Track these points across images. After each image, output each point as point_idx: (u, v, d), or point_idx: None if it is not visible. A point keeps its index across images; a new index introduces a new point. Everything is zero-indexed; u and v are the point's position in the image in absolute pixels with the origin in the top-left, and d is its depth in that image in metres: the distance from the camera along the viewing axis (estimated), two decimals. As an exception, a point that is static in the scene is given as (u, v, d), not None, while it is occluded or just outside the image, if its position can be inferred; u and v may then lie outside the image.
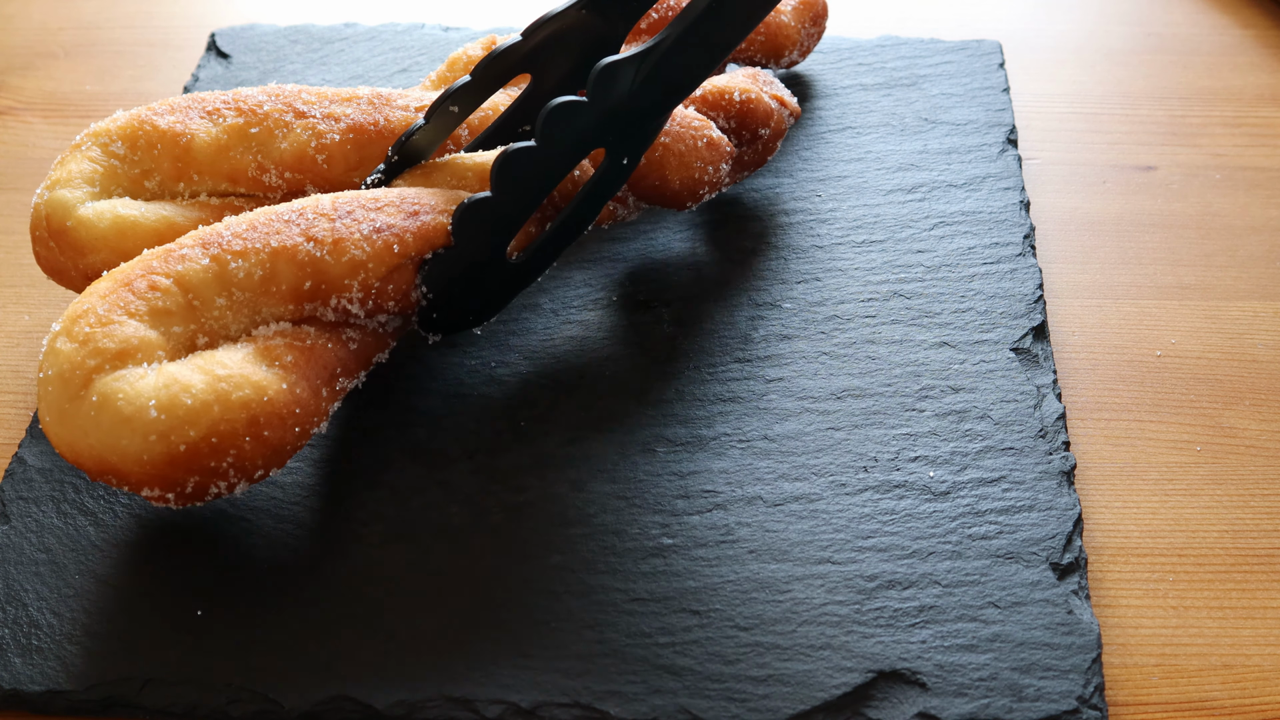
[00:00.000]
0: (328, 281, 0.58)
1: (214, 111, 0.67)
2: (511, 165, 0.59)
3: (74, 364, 0.53)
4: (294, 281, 0.57)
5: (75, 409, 0.53)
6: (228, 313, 0.57)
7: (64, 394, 0.53)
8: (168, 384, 0.53)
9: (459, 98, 0.65)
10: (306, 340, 0.57)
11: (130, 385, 0.53)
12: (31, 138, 0.83)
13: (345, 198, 0.60)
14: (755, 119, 0.71)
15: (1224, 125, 0.82)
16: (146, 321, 0.55)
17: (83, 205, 0.64)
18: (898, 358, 0.65)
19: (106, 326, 0.54)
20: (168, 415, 0.52)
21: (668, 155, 0.67)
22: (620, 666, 0.53)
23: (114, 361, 0.53)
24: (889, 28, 0.91)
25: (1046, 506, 0.58)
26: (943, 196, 0.74)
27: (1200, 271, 0.72)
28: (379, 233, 0.58)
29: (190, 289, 0.56)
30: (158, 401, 0.52)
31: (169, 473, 0.53)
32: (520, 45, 0.66)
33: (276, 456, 0.55)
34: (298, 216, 0.58)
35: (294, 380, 0.55)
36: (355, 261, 0.58)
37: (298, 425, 0.55)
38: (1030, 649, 0.53)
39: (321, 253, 0.57)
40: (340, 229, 0.58)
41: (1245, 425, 0.64)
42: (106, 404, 0.53)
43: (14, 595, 0.56)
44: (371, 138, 0.67)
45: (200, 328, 0.56)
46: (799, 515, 0.58)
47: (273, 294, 0.57)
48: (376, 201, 0.60)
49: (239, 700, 0.52)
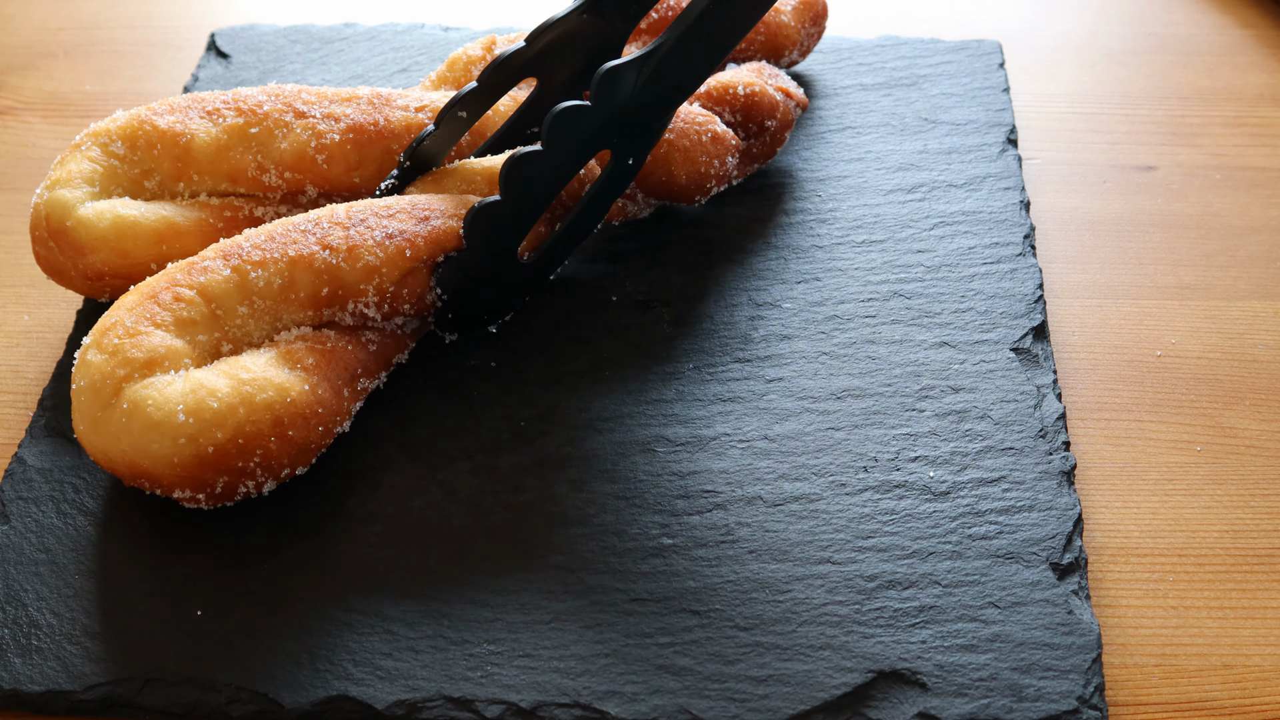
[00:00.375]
0: (344, 287, 0.60)
1: (214, 111, 0.67)
2: (519, 169, 0.61)
3: (104, 374, 0.56)
4: (312, 288, 0.60)
5: (107, 417, 0.55)
6: (250, 320, 0.59)
7: (96, 403, 0.56)
8: (194, 389, 0.55)
9: (467, 103, 0.66)
10: (327, 343, 0.60)
11: (159, 392, 0.55)
12: (31, 138, 0.83)
13: (359, 206, 0.62)
14: (760, 111, 0.72)
15: (1224, 125, 0.82)
16: (172, 331, 0.57)
17: (82, 205, 0.64)
18: (898, 358, 0.65)
19: (134, 337, 0.56)
20: (195, 419, 0.54)
21: (672, 151, 0.68)
22: (620, 666, 0.53)
23: (142, 370, 0.56)
24: (889, 28, 0.91)
25: (1046, 506, 0.58)
26: (943, 196, 0.74)
27: (1200, 271, 0.72)
28: (391, 238, 0.60)
29: (213, 299, 0.58)
30: (185, 406, 0.54)
31: (199, 474, 0.55)
32: (525, 50, 0.67)
33: (302, 455, 0.58)
34: (313, 226, 0.61)
35: (315, 381, 0.58)
36: (370, 267, 0.60)
37: (321, 425, 0.58)
38: (1030, 649, 0.53)
39: (337, 260, 0.60)
40: (354, 236, 0.60)
41: (1245, 425, 0.64)
42: (136, 410, 0.55)
43: (14, 595, 0.56)
44: (371, 137, 0.67)
45: (224, 335, 0.58)
46: (799, 515, 0.58)
47: (292, 301, 0.59)
48: (389, 209, 0.62)
49: (239, 700, 0.52)
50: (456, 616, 0.55)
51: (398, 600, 0.55)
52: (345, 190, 0.67)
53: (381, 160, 0.67)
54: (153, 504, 0.59)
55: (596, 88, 0.60)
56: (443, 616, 0.55)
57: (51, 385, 0.65)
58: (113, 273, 0.64)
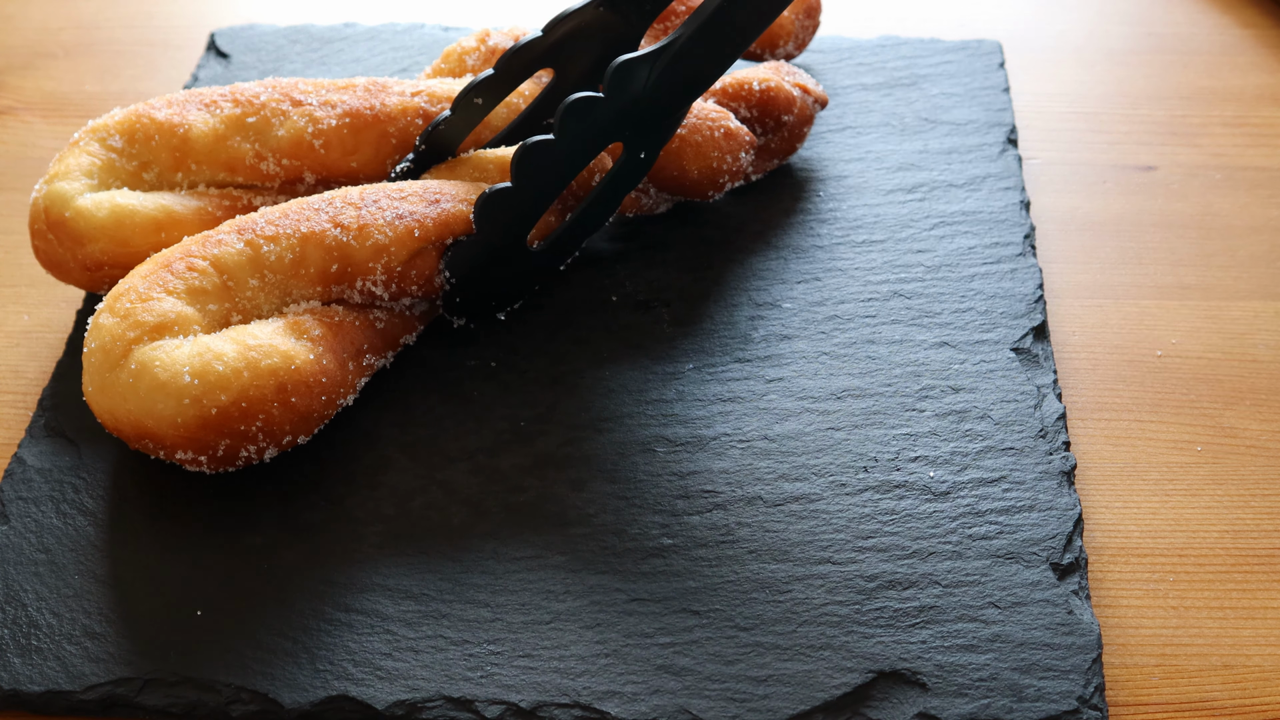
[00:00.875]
0: (353, 264, 0.61)
1: (211, 104, 0.67)
2: (530, 157, 0.62)
3: (115, 336, 0.57)
4: (322, 264, 0.61)
5: (115, 377, 0.57)
6: (260, 293, 0.60)
7: (105, 363, 0.57)
8: (201, 352, 0.56)
9: (483, 90, 0.67)
10: (334, 317, 0.61)
11: (166, 354, 0.56)
12: (31, 137, 0.83)
13: (373, 189, 0.63)
14: (776, 106, 0.72)
15: (1224, 125, 0.82)
16: (184, 299, 0.58)
17: (81, 196, 0.64)
18: (898, 358, 0.65)
19: (146, 302, 0.58)
20: (201, 381, 0.56)
21: (684, 146, 0.68)
22: (620, 666, 0.53)
23: (152, 333, 0.57)
24: (889, 28, 0.91)
25: (1047, 507, 0.58)
26: (943, 196, 0.74)
27: (1200, 271, 0.72)
28: (401, 219, 0.62)
29: (225, 270, 0.59)
30: (191, 368, 0.56)
31: (201, 435, 0.56)
32: (541, 40, 0.67)
33: (304, 423, 0.59)
34: (326, 205, 0.62)
35: (321, 352, 0.59)
36: (379, 245, 0.61)
37: (324, 394, 0.59)
38: (1030, 649, 0.53)
39: (348, 238, 0.61)
40: (365, 215, 0.61)
41: (1246, 425, 0.64)
42: (144, 371, 0.56)
43: (14, 595, 0.56)
44: (368, 122, 0.67)
45: (234, 306, 0.60)
46: (799, 515, 0.58)
47: (302, 276, 0.61)
48: (401, 192, 0.63)
49: (239, 700, 0.52)
50: (456, 616, 0.55)
51: (398, 600, 0.55)
52: (343, 176, 0.68)
53: (378, 145, 0.67)
54: (152, 504, 0.59)
55: (610, 80, 0.60)
56: (443, 616, 0.55)
57: (51, 385, 0.65)
58: (112, 262, 0.64)
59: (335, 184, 0.68)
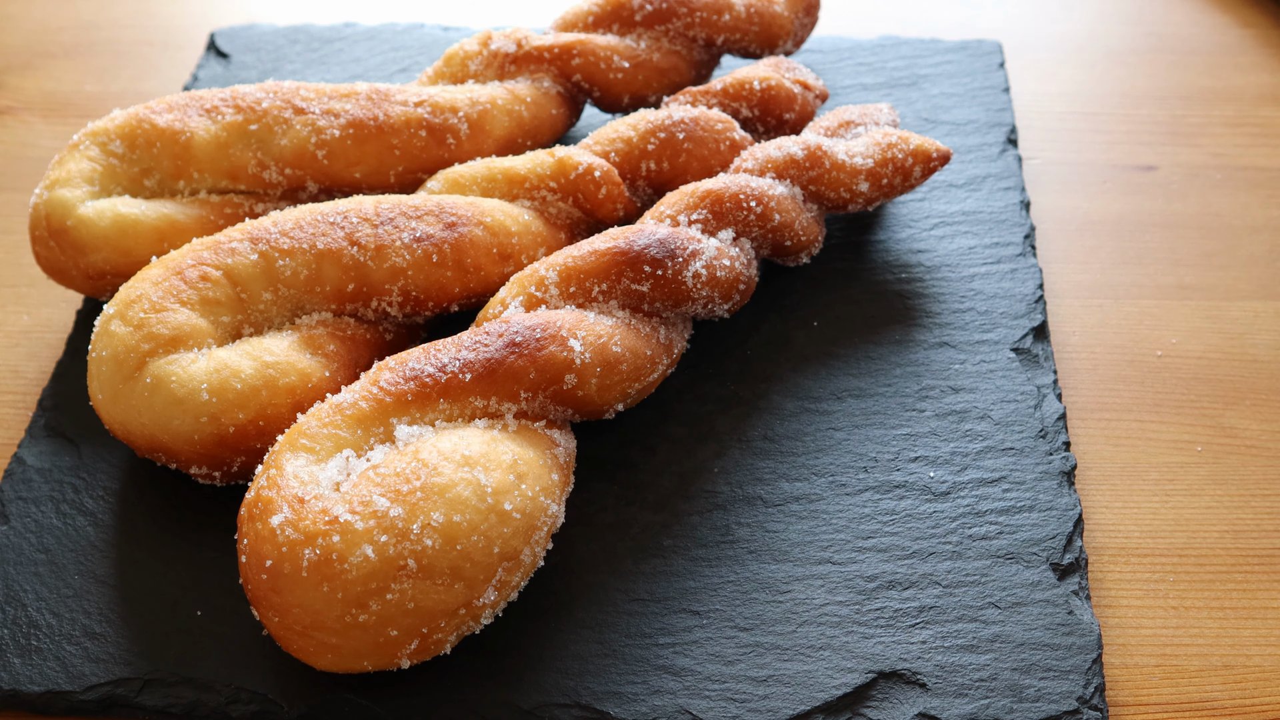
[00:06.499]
0: (369, 285, 0.61)
1: (212, 109, 0.67)
2: None
3: (128, 346, 0.57)
4: (338, 283, 0.60)
5: (129, 389, 0.56)
6: (273, 306, 0.60)
7: (118, 374, 0.57)
8: (218, 369, 0.56)
9: None
10: (347, 330, 0.61)
11: (183, 369, 0.56)
12: (31, 138, 0.83)
13: (387, 203, 0.63)
14: (778, 105, 0.71)
15: (1224, 125, 0.82)
16: (197, 310, 0.58)
17: (83, 204, 0.64)
18: (898, 358, 0.65)
19: (160, 313, 0.57)
20: (219, 398, 0.55)
21: (690, 161, 0.67)
22: (620, 666, 0.53)
23: (167, 346, 0.57)
24: (889, 28, 0.91)
25: (1047, 507, 0.58)
26: (943, 196, 0.74)
27: (1201, 271, 0.72)
28: (420, 241, 0.61)
29: (239, 282, 0.59)
30: (209, 385, 0.56)
31: (217, 452, 0.56)
32: None
33: None
34: (342, 219, 0.61)
35: (335, 368, 0.59)
36: (396, 269, 0.61)
37: None
38: (1030, 649, 0.53)
39: (365, 257, 0.60)
40: (382, 235, 0.61)
41: (1246, 425, 0.64)
42: (160, 386, 0.56)
43: (13, 595, 0.56)
44: (371, 133, 0.67)
45: (246, 319, 0.59)
46: (799, 515, 0.58)
47: (317, 293, 0.60)
48: (417, 210, 0.62)
49: (239, 700, 0.52)
50: (456, 617, 0.55)
51: (397, 600, 0.55)
52: (346, 185, 0.67)
53: (382, 156, 0.67)
54: (152, 504, 0.59)
55: None
56: (443, 616, 0.55)
57: (51, 385, 0.65)
58: (114, 271, 0.64)
59: (338, 193, 0.68)
